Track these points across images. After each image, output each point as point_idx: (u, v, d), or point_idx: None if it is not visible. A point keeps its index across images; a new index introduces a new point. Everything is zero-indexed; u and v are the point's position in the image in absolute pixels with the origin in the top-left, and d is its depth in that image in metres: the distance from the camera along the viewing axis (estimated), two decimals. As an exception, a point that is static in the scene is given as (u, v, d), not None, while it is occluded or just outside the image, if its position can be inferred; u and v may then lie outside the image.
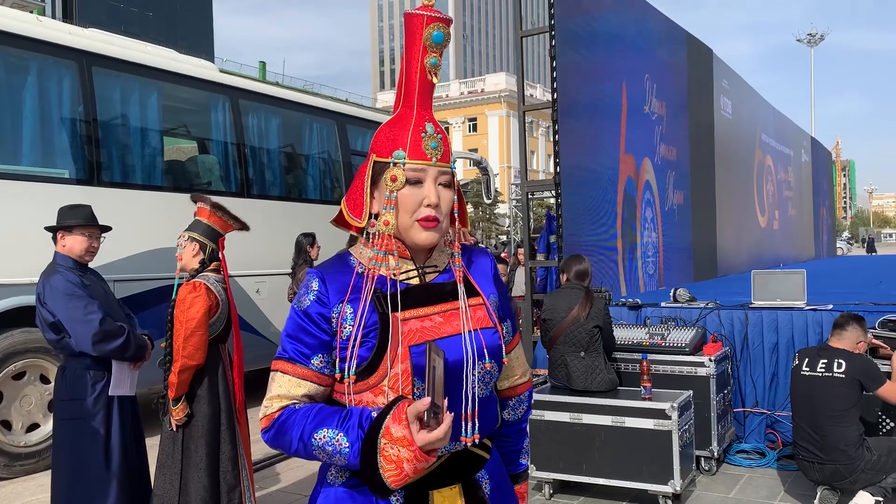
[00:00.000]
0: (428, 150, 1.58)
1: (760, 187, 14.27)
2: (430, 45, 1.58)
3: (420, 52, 1.58)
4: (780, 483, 4.95)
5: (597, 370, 4.82)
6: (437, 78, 1.63)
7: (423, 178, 1.58)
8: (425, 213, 1.57)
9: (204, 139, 7.90)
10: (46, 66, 6.11)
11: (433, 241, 1.60)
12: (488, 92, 59.06)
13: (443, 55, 1.62)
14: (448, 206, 1.61)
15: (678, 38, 9.92)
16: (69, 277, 3.64)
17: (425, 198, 1.57)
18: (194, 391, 3.64)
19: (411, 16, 1.58)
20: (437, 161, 1.59)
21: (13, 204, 5.68)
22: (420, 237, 1.59)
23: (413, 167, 1.57)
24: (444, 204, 1.60)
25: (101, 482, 3.58)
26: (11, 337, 5.62)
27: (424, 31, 1.57)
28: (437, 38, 1.58)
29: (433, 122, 1.62)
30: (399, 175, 1.57)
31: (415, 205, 1.57)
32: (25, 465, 5.66)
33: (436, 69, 1.61)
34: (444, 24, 1.58)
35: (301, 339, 1.58)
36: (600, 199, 7.46)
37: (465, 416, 1.54)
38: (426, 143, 1.58)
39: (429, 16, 1.57)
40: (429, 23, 1.57)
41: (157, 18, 54.46)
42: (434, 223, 1.58)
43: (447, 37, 1.59)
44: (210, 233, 3.80)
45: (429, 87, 1.62)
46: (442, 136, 1.61)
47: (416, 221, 1.57)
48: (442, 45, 1.59)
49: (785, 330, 5.53)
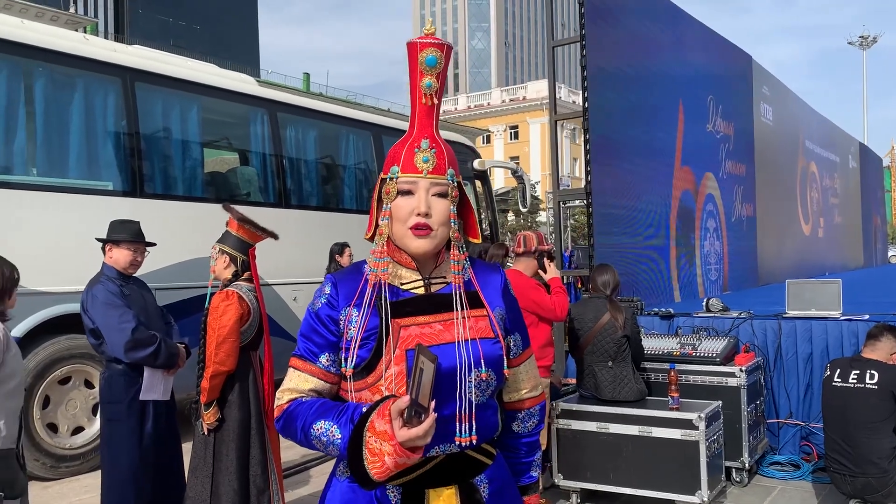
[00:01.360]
0: (419, 164, 1.68)
1: (804, 194, 14.01)
2: (425, 69, 1.70)
3: (417, 75, 1.70)
4: (813, 496, 4.87)
5: (625, 380, 4.82)
6: (435, 100, 1.73)
7: (415, 189, 1.68)
8: (415, 220, 1.66)
9: (243, 151, 8.11)
10: (92, 82, 6.35)
11: (426, 249, 1.69)
12: (530, 99, 58.90)
13: (441, 78, 1.72)
14: (442, 216, 1.69)
15: (720, 47, 9.89)
16: (110, 288, 3.86)
17: (415, 207, 1.67)
18: (225, 396, 3.77)
19: (410, 44, 1.71)
20: (429, 174, 1.68)
21: (60, 216, 5.92)
22: (412, 245, 1.68)
23: (405, 180, 1.68)
24: (436, 213, 1.68)
25: (134, 482, 3.74)
26: (57, 343, 5.84)
27: (419, 56, 1.69)
28: (429, 61, 1.70)
29: (430, 139, 1.72)
30: (392, 188, 1.69)
31: (406, 214, 1.67)
32: (71, 467, 5.87)
33: (431, 91, 1.71)
34: (437, 49, 1.70)
35: (311, 338, 1.71)
36: (643, 208, 7.52)
37: (461, 418, 1.62)
38: (418, 157, 1.69)
39: (422, 42, 1.70)
40: (422, 48, 1.70)
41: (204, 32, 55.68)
42: (425, 231, 1.67)
43: (440, 60, 1.70)
44: (240, 244, 3.92)
45: (427, 108, 1.73)
46: (437, 150, 1.71)
47: (409, 229, 1.67)
48: (436, 69, 1.70)
49: (819, 340, 5.45)
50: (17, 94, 5.84)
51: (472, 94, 71.53)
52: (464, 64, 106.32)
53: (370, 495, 1.62)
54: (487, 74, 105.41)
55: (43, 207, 5.86)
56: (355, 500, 1.64)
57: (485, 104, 62.16)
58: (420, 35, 1.74)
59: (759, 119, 11.26)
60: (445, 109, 60.14)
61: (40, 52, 5.99)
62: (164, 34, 49.06)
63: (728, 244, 9.75)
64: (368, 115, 9.92)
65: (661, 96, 8.19)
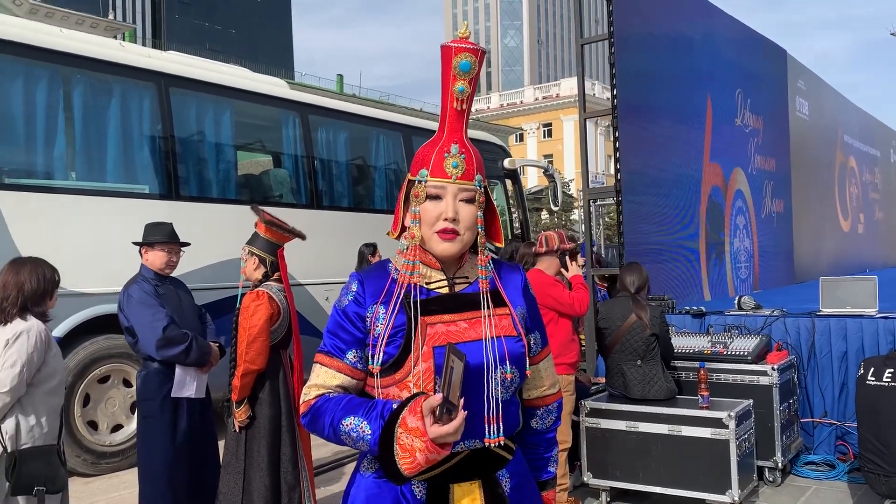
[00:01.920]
0: (448, 169, 1.71)
1: (843, 190, 13.73)
2: (458, 73, 1.71)
3: (450, 79, 1.72)
4: (849, 496, 4.80)
5: (654, 378, 4.80)
6: (466, 105, 1.74)
7: (443, 194, 1.71)
8: (442, 225, 1.70)
9: (275, 153, 8.23)
10: (128, 88, 6.51)
11: (452, 252, 1.72)
12: (563, 97, 58.60)
13: (473, 84, 1.73)
14: (469, 221, 1.72)
15: (753, 41, 9.75)
16: (144, 288, 3.98)
17: (443, 212, 1.69)
18: (256, 394, 3.85)
19: (444, 47, 1.72)
20: (458, 179, 1.71)
21: (99, 219, 6.08)
22: (439, 248, 1.71)
23: (434, 184, 1.71)
24: (463, 218, 1.71)
25: (168, 478, 3.84)
26: (97, 343, 6.00)
27: (453, 60, 1.70)
28: (463, 66, 1.70)
29: (460, 143, 1.73)
30: (420, 191, 1.71)
31: (434, 218, 1.70)
32: (111, 463, 6.02)
33: (463, 95, 1.73)
34: (472, 54, 1.70)
35: (338, 335, 1.75)
36: (673, 204, 7.47)
37: (489, 419, 1.65)
38: (448, 162, 1.71)
39: (457, 46, 1.71)
40: (457, 52, 1.70)
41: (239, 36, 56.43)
42: (452, 235, 1.70)
43: (473, 66, 1.71)
44: (268, 246, 4.00)
45: (458, 113, 1.74)
46: (466, 155, 1.73)
47: (436, 233, 1.70)
48: (469, 74, 1.71)
49: (854, 338, 5.36)
50: (57, 101, 6.01)
51: (504, 92, 71.41)
52: (496, 62, 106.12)
53: (395, 490, 1.66)
54: (520, 72, 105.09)
55: (82, 211, 6.02)
56: (380, 494, 1.67)
57: (518, 102, 61.99)
58: (454, 38, 1.74)
59: (794, 114, 11.08)
60: (478, 108, 60.11)
61: (78, 59, 6.17)
62: (199, 39, 49.85)
63: (758, 241, 9.57)
64: (398, 116, 9.98)
65: (690, 92, 8.11)
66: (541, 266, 4.75)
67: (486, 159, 8.60)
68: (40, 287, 3.21)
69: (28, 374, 3.09)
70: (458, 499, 1.67)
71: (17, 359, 3.05)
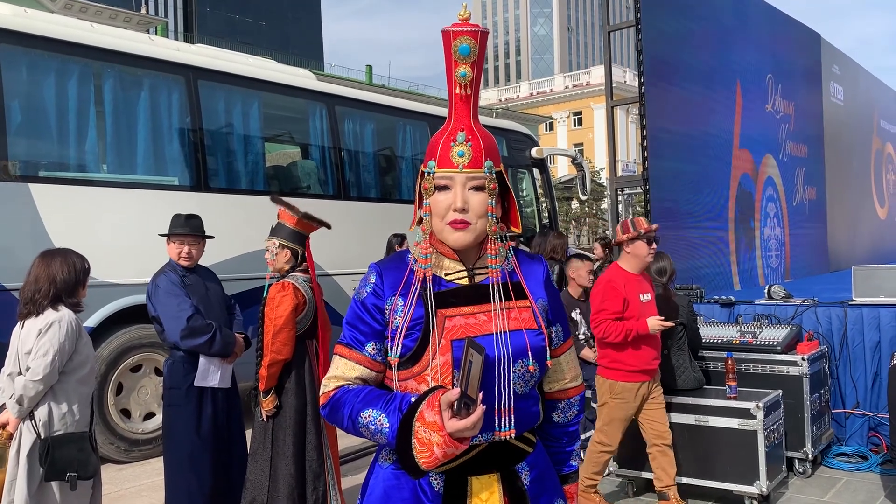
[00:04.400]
0: (455, 159, 1.68)
1: (879, 177, 13.45)
2: (459, 58, 1.67)
3: (452, 65, 1.68)
4: (880, 488, 4.73)
5: (682, 368, 4.76)
6: (470, 90, 1.70)
7: (451, 184, 1.68)
8: (452, 216, 1.67)
9: (303, 144, 8.27)
10: (157, 81, 6.59)
11: (465, 242, 1.69)
12: (594, 84, 57.92)
13: (476, 67, 1.68)
14: (480, 209, 1.68)
15: (785, 25, 9.57)
16: (171, 278, 4.03)
17: (452, 203, 1.67)
18: (283, 384, 3.89)
19: (444, 31, 1.68)
20: (465, 168, 1.68)
21: (130, 211, 6.18)
22: (451, 238, 1.70)
23: (441, 175, 1.69)
24: (473, 207, 1.68)
25: (193, 465, 3.90)
26: (129, 333, 6.11)
27: (452, 44, 1.67)
28: (463, 50, 1.67)
29: (467, 130, 1.70)
30: (429, 183, 1.69)
31: (444, 209, 1.68)
32: (143, 451, 6.14)
33: (466, 80, 1.69)
34: (471, 37, 1.66)
35: (357, 327, 1.74)
36: (701, 192, 7.39)
37: (500, 412, 1.63)
38: (454, 151, 1.68)
39: (455, 30, 1.67)
40: (455, 36, 1.66)
41: (269, 28, 56.77)
42: (463, 225, 1.67)
43: (473, 49, 1.67)
44: (297, 237, 4.03)
45: (463, 98, 1.71)
46: (473, 142, 1.69)
47: (447, 224, 1.68)
48: (469, 57, 1.67)
49: (888, 328, 5.26)
50: (88, 95, 6.10)
51: (534, 80, 70.89)
52: (526, 51, 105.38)
53: (413, 482, 1.65)
54: (550, 60, 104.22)
55: (114, 203, 6.12)
56: (398, 486, 1.67)
57: (547, 91, 61.47)
58: (454, 23, 1.69)
59: (828, 100, 10.86)
60: (507, 97, 59.81)
61: (108, 53, 6.25)
62: (230, 32, 50.27)
63: (790, 229, 9.47)
64: (424, 106, 9.96)
65: (719, 78, 7.99)
66: (624, 261, 4.40)
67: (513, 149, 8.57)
68: (72, 277, 3.27)
69: (60, 362, 3.16)
70: (477, 492, 1.67)
71: (50, 348, 3.12)
